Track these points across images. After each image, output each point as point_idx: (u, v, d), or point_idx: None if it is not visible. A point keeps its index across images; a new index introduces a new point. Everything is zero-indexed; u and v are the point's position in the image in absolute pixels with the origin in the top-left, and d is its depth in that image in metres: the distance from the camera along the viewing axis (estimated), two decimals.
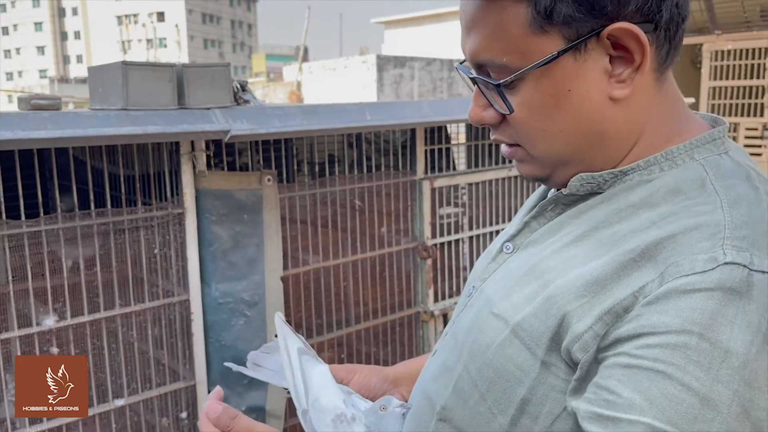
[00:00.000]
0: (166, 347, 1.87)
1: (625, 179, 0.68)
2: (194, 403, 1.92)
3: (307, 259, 2.22)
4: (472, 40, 0.67)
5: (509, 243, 0.78)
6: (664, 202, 0.63)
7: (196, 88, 1.74)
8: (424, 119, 2.22)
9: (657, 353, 0.54)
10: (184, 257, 1.85)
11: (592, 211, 0.69)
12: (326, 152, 2.84)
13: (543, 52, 0.64)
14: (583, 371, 0.59)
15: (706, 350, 0.53)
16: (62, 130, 1.45)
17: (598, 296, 0.59)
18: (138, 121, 1.58)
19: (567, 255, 0.66)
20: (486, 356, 0.68)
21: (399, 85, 15.20)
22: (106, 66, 1.72)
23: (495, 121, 0.70)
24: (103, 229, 1.72)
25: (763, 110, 4.87)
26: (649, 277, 0.57)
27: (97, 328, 1.75)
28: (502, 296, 0.70)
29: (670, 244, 0.58)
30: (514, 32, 0.64)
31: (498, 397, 0.67)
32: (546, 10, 0.62)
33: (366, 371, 0.98)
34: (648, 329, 0.55)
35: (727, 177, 0.64)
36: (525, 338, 0.64)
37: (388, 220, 2.38)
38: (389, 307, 2.42)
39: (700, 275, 0.54)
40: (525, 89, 0.66)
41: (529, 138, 0.69)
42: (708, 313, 0.53)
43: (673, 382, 0.53)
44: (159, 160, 1.84)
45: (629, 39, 0.63)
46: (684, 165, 0.66)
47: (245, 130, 1.74)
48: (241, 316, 1.97)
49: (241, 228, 1.96)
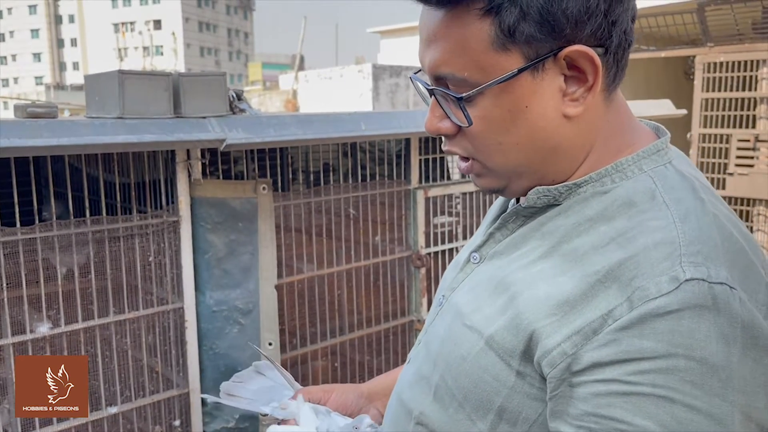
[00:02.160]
0: (159, 355, 1.88)
1: (579, 191, 0.70)
2: (187, 410, 1.92)
3: (301, 268, 2.22)
4: (432, 53, 0.68)
5: (476, 253, 0.80)
6: (619, 216, 0.66)
7: (192, 97, 1.75)
8: (419, 129, 2.24)
9: (653, 379, 0.56)
10: (178, 265, 1.86)
11: (551, 223, 0.71)
12: (321, 161, 2.86)
13: (504, 69, 0.66)
14: (552, 388, 0.62)
15: (696, 369, 0.55)
16: (58, 138, 1.46)
17: (567, 316, 0.62)
18: (134, 129, 1.59)
19: (533, 270, 0.68)
20: (463, 367, 0.70)
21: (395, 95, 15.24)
22: (103, 74, 1.73)
23: (451, 132, 0.71)
24: (98, 236, 1.73)
25: (755, 122, 4.91)
26: (617, 301, 0.59)
27: (90, 335, 1.75)
28: (473, 308, 0.72)
29: (631, 264, 0.60)
30: (476, 48, 0.66)
31: (476, 405, 0.69)
32: (509, 29, 0.64)
33: (341, 390, 1.03)
34: (634, 355, 0.57)
35: (674, 190, 0.67)
36: (498, 350, 0.67)
37: (383, 229, 2.39)
38: (383, 315, 2.42)
39: (666, 297, 0.57)
40: (484, 103, 0.67)
41: (484, 150, 0.71)
42: (685, 334, 0.56)
43: (678, 405, 0.55)
44: (155, 169, 1.85)
45: (584, 60, 0.65)
46: (634, 176, 0.69)
47: (241, 139, 1.75)
48: (235, 324, 1.97)
49: (236, 236, 1.97)
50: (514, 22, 0.64)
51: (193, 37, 52.93)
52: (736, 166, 4.82)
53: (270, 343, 2.02)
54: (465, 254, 0.83)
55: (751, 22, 4.87)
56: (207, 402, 1.07)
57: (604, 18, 0.65)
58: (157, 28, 50.58)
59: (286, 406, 0.99)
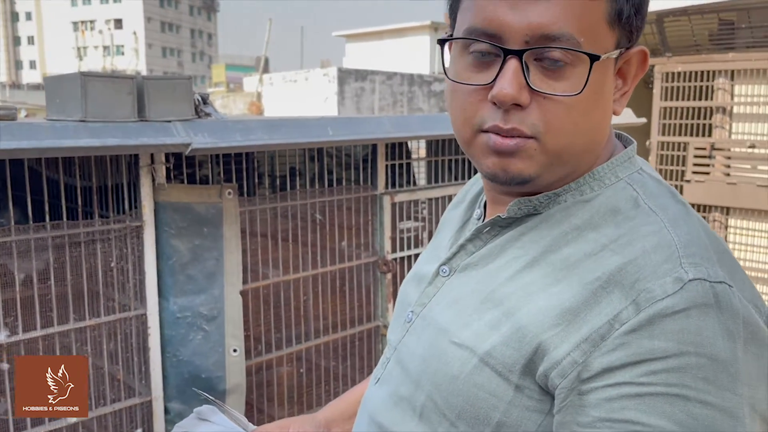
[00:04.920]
0: (121, 362, 1.84)
1: (559, 200, 0.70)
2: (150, 419, 1.89)
3: (267, 273, 2.21)
4: (543, 9, 0.63)
5: (445, 266, 0.77)
6: (606, 223, 0.66)
7: (156, 100, 1.72)
8: (386, 135, 2.24)
9: (665, 378, 0.56)
10: (141, 271, 1.83)
11: (533, 233, 0.70)
12: (288, 165, 2.84)
13: (609, 46, 0.64)
14: (561, 399, 0.61)
15: (707, 366, 0.56)
16: (18, 141, 1.42)
17: (572, 325, 0.61)
18: (96, 133, 1.56)
19: (523, 282, 0.67)
20: (454, 386, 0.68)
21: (360, 99, 15.25)
22: (64, 76, 1.69)
23: (526, 102, 0.64)
24: (58, 241, 1.69)
25: (711, 130, 5.05)
26: (621, 305, 0.59)
27: (50, 343, 1.71)
28: (460, 325, 0.70)
29: (632, 268, 0.60)
30: (595, 16, 0.64)
31: (472, 422, 0.67)
32: (620, 10, 0.64)
33: (299, 422, 0.99)
34: (645, 356, 0.57)
35: (656, 196, 0.68)
36: (496, 366, 0.65)
37: (349, 235, 2.39)
38: (349, 321, 2.42)
39: (672, 297, 0.57)
40: (581, 75, 0.64)
41: (558, 128, 0.66)
42: (693, 332, 0.57)
43: (692, 402, 0.56)
44: (117, 173, 1.82)
45: (639, 62, 0.68)
46: (612, 184, 0.69)
47: (206, 144, 1.73)
48: (199, 331, 1.95)
49: (201, 241, 1.94)
50: (626, 6, 0.64)
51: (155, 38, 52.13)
52: (693, 173, 4.95)
53: (235, 349, 1.99)
54: (430, 267, 0.80)
55: (707, 33, 5.01)
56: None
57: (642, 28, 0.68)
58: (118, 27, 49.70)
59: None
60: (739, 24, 4.83)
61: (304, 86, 15.90)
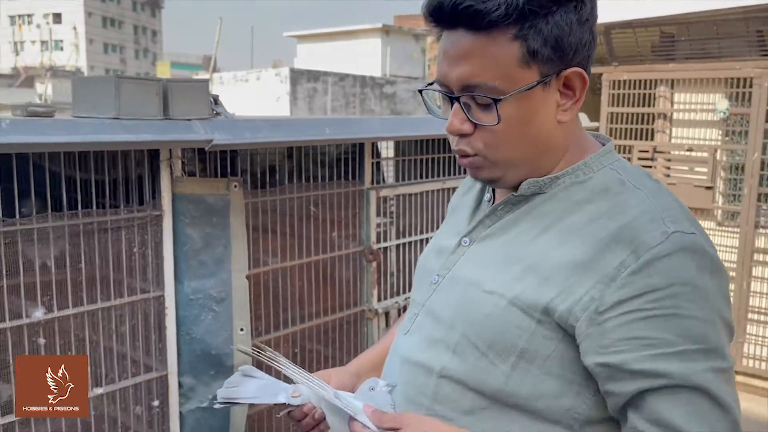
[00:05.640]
0: (141, 339, 2.01)
1: (559, 182, 0.94)
2: (166, 392, 2.06)
3: (266, 261, 2.40)
4: (465, 67, 0.87)
5: (466, 238, 1.01)
6: (600, 198, 0.91)
7: (178, 100, 1.90)
8: (374, 134, 2.47)
9: (662, 303, 0.81)
10: (160, 256, 2.00)
11: (541, 208, 0.94)
12: (267, 163, 3.02)
13: (526, 81, 0.88)
14: (583, 330, 0.84)
15: (689, 292, 0.81)
16: (68, 135, 1.59)
17: (587, 273, 0.85)
18: (131, 129, 1.73)
19: (539, 244, 0.91)
20: (487, 323, 0.91)
21: (312, 99, 15.34)
22: (95, 78, 1.86)
23: (469, 132, 0.91)
24: (88, 228, 1.85)
25: (653, 135, 5.45)
26: (624, 255, 0.84)
27: (80, 320, 1.86)
28: (489, 279, 0.93)
29: (628, 229, 0.85)
30: (507, 63, 0.86)
31: (499, 351, 0.90)
32: (533, 51, 0.87)
33: (337, 373, 1.19)
34: (646, 289, 0.81)
35: (636, 177, 0.94)
36: (522, 306, 0.88)
37: (339, 226, 2.60)
38: (338, 306, 2.63)
39: (661, 245, 0.82)
40: (506, 108, 0.88)
41: (496, 146, 0.91)
42: (678, 269, 0.81)
43: (683, 317, 0.81)
44: (139, 166, 1.99)
45: (577, 79, 0.91)
46: (600, 170, 0.94)
47: (224, 140, 1.92)
48: (210, 312, 2.13)
49: (211, 230, 2.12)
50: (537, 46, 0.86)
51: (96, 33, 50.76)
52: None
53: (242, 328, 2.18)
54: (451, 241, 1.04)
55: (650, 45, 5.41)
56: (216, 405, 1.17)
57: (587, 50, 0.91)
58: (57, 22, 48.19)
59: (299, 392, 1.08)
60: (679, 37, 5.24)
61: (256, 86, 15.88)
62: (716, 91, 5.08)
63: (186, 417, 2.12)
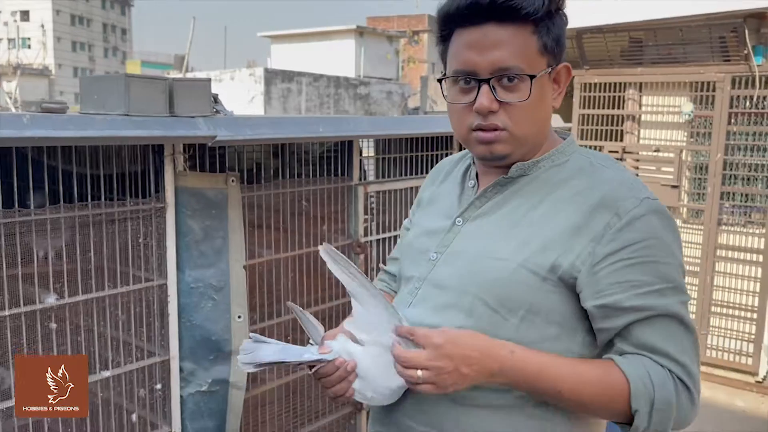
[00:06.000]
0: (144, 326, 2.11)
1: (539, 165, 1.15)
2: (168, 375, 2.16)
3: (261, 252, 2.51)
4: (499, 53, 1.06)
5: (459, 218, 1.18)
6: (578, 176, 1.12)
7: (183, 98, 2.01)
8: (364, 132, 2.60)
9: (642, 253, 1.02)
10: (163, 246, 2.10)
11: (528, 187, 1.14)
12: (254, 161, 3.14)
13: (541, 68, 1.09)
14: (581, 280, 1.04)
15: (660, 244, 1.03)
16: (83, 130, 1.69)
17: (581, 233, 1.05)
18: (141, 125, 1.84)
19: (535, 216, 1.10)
20: (499, 284, 1.08)
21: (287, 100, 15.38)
22: (104, 77, 1.95)
23: (495, 110, 1.09)
24: (97, 219, 1.95)
25: (623, 136, 5.66)
26: (609, 217, 1.04)
27: (89, 307, 1.96)
28: (495, 248, 1.11)
29: (609, 197, 1.06)
30: (530, 52, 1.08)
31: (510, 308, 1.07)
32: (545, 45, 1.09)
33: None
34: (629, 242, 1.02)
35: (601, 159, 1.16)
36: (530, 267, 1.06)
37: (328, 221, 2.73)
38: (327, 296, 2.75)
39: (637, 208, 1.03)
40: (526, 89, 1.07)
41: (520, 121, 1.10)
42: (652, 226, 1.03)
43: (659, 263, 1.04)
44: (142, 161, 2.09)
45: (565, 73, 1.14)
46: (571, 155, 1.16)
47: (227, 136, 2.03)
48: (209, 300, 2.24)
49: (210, 222, 2.23)
50: (548, 41, 1.09)
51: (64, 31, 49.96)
52: None
53: (239, 316, 2.29)
54: (442, 223, 1.21)
55: (620, 49, 5.62)
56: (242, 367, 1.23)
57: (565, 49, 1.13)
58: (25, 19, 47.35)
59: (328, 348, 1.15)
60: (647, 42, 5.46)
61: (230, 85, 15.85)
62: (681, 94, 5.32)
63: (186, 400, 2.23)
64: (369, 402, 1.16)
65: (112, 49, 54.06)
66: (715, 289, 5.23)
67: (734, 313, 5.17)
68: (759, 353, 5.06)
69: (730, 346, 5.20)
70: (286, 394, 2.66)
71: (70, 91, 46.04)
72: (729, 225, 5.20)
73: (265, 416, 2.58)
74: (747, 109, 5.01)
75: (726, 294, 5.21)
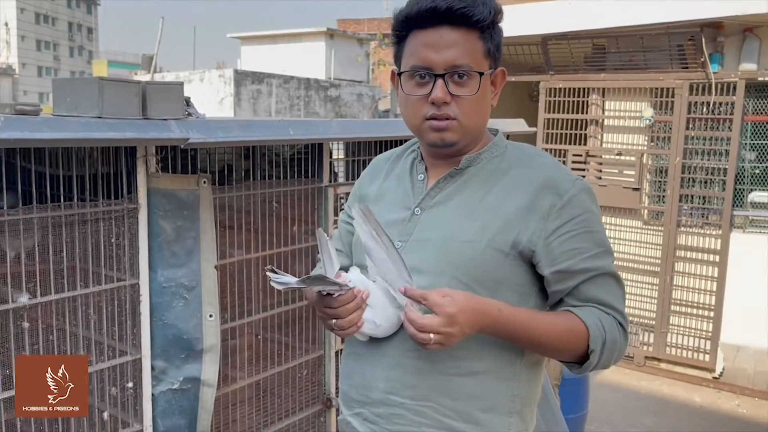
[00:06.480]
0: (117, 324, 2.14)
1: (481, 157, 1.31)
2: (139, 374, 2.19)
3: (231, 253, 2.56)
4: (452, 52, 1.22)
5: (418, 208, 1.31)
6: (517, 165, 1.29)
7: (156, 101, 2.04)
8: (334, 135, 2.66)
9: (581, 225, 1.19)
10: (135, 246, 2.14)
11: (477, 176, 1.30)
12: (225, 162, 3.18)
13: (486, 68, 1.26)
14: (538, 252, 1.20)
15: (593, 216, 1.22)
16: (59, 132, 1.72)
17: (532, 213, 1.21)
18: (115, 127, 1.87)
19: (490, 201, 1.26)
20: (471, 263, 1.22)
21: (257, 101, 15.33)
22: (77, 79, 1.98)
23: (448, 101, 1.25)
24: (70, 219, 1.98)
25: (586, 140, 5.81)
26: (552, 197, 1.21)
27: (61, 306, 1.99)
28: (461, 232, 1.25)
29: (549, 180, 1.23)
30: (478, 53, 1.25)
31: (481, 282, 1.22)
32: (489, 49, 1.25)
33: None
34: (570, 217, 1.19)
35: (530, 149, 1.33)
36: (497, 246, 1.21)
37: (299, 221, 2.78)
38: (298, 296, 2.80)
39: (573, 188, 1.22)
40: (474, 85, 1.24)
41: (469, 113, 1.26)
42: (586, 202, 1.21)
43: (594, 232, 1.21)
44: (116, 163, 2.12)
45: (501, 76, 1.31)
46: (506, 148, 1.33)
47: (199, 139, 2.08)
48: (181, 299, 2.27)
49: (182, 222, 2.27)
50: (491, 46, 1.27)
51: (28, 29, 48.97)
52: None
53: (210, 315, 2.33)
54: (399, 214, 1.33)
55: (583, 56, 5.77)
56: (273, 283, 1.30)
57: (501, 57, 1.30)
58: None
59: (347, 278, 1.26)
60: (609, 49, 5.62)
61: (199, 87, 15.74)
62: (642, 99, 5.48)
63: (158, 398, 2.26)
64: (373, 333, 1.27)
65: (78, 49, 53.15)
66: (674, 288, 5.40)
67: (693, 312, 5.35)
68: (716, 350, 5.24)
69: (689, 344, 5.37)
70: (256, 392, 2.71)
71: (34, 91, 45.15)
72: (687, 226, 5.38)
73: (236, 414, 2.62)
74: (704, 114, 5.19)
75: (685, 293, 5.38)
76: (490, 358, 1.26)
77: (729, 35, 5.06)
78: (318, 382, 2.92)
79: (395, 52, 1.33)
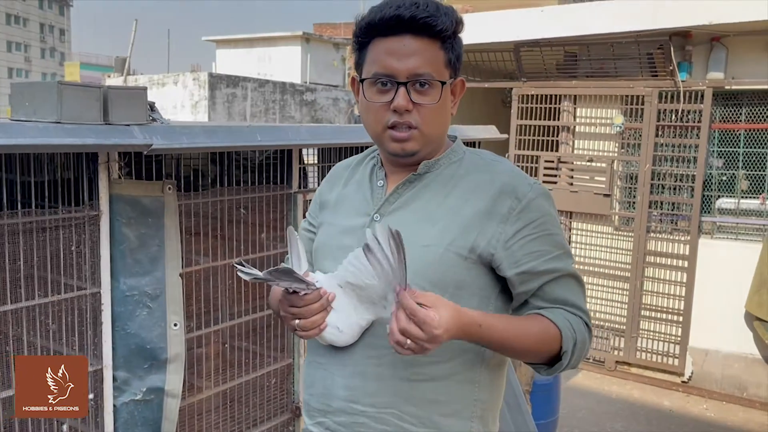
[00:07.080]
0: (77, 334, 2.09)
1: (439, 163, 1.32)
2: (101, 385, 2.14)
3: (197, 260, 2.52)
4: (415, 61, 1.23)
5: (377, 214, 1.31)
6: (475, 170, 1.29)
7: (118, 106, 2.00)
8: (303, 141, 2.63)
9: (541, 228, 1.21)
10: (97, 254, 2.09)
11: (435, 182, 1.30)
12: (192, 167, 3.14)
13: (447, 78, 1.25)
14: (498, 256, 1.21)
15: (551, 219, 1.23)
16: (15, 138, 1.68)
17: (491, 217, 1.22)
18: (74, 133, 1.83)
19: (448, 205, 1.26)
20: (431, 268, 1.21)
21: (232, 105, 15.24)
22: (37, 83, 1.93)
23: (410, 108, 1.24)
24: (28, 227, 1.93)
25: (558, 146, 5.85)
26: (511, 201, 1.23)
27: (18, 316, 1.93)
28: (420, 236, 1.23)
29: (508, 185, 1.24)
30: (439, 63, 1.25)
31: (441, 285, 1.21)
32: (449, 59, 1.26)
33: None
34: (530, 220, 1.21)
35: (488, 155, 1.34)
36: (455, 250, 1.22)
37: (267, 228, 2.75)
38: (265, 305, 2.77)
39: (531, 192, 1.23)
40: (436, 93, 1.25)
41: (429, 122, 1.26)
42: (543, 206, 1.23)
43: (553, 235, 1.23)
44: (76, 169, 2.07)
45: (461, 85, 1.32)
46: (464, 154, 1.33)
47: (163, 145, 2.04)
48: (145, 308, 2.23)
49: (146, 230, 2.22)
50: (452, 56, 1.27)
51: None
52: (543, 183, 5.72)
53: (175, 324, 2.29)
54: (359, 220, 1.32)
55: (555, 63, 5.82)
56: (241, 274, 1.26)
57: (461, 67, 1.30)
58: None
59: (315, 278, 1.23)
60: (581, 56, 5.67)
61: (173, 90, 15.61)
62: (613, 107, 5.54)
63: (120, 409, 2.21)
64: (335, 339, 1.24)
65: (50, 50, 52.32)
66: (644, 293, 5.46)
67: (662, 317, 5.41)
68: (684, 354, 5.30)
69: (659, 348, 5.43)
70: (224, 402, 2.67)
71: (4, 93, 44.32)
72: (657, 232, 5.44)
73: (202, 424, 2.57)
74: (673, 122, 5.26)
75: (654, 298, 5.44)
76: (451, 363, 1.25)
77: (697, 44, 5.13)
78: (287, 390, 2.89)
79: (356, 59, 1.32)
